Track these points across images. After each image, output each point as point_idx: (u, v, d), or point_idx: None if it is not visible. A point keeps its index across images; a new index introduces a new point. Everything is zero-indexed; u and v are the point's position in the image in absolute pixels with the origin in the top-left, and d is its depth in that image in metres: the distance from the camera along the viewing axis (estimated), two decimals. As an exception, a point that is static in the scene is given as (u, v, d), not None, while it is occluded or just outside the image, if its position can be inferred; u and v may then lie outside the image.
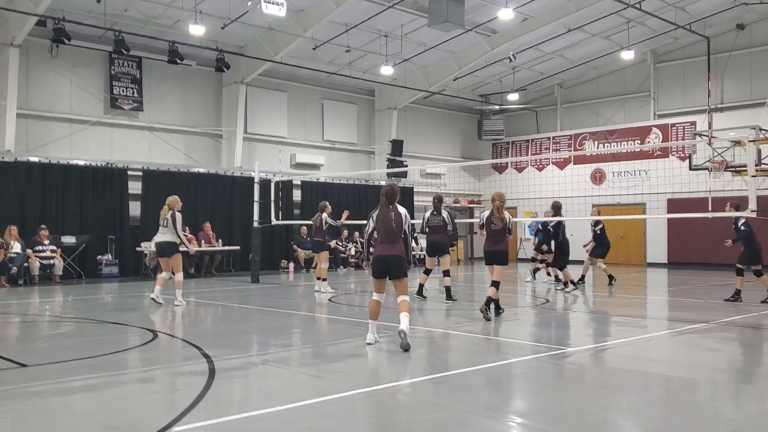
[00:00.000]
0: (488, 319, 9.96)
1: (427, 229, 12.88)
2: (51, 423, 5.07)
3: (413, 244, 8.82)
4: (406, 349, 7.44)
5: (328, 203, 14.85)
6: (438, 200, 12.83)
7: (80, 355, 7.65)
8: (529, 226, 24.85)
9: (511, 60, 22.85)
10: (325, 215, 14.44)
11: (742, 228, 12.13)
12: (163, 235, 11.95)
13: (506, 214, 10.58)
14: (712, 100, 22.96)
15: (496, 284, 10.41)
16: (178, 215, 11.87)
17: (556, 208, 14.61)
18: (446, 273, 12.75)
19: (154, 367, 7.14)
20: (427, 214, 12.99)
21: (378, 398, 5.75)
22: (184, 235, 12.42)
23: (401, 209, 8.08)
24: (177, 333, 9.21)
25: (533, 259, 17.08)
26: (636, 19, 21.62)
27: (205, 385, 6.00)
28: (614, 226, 25.07)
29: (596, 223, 15.60)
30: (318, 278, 14.62)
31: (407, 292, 7.95)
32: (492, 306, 10.31)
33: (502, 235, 10.52)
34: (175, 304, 11.78)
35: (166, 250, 12.00)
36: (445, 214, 12.73)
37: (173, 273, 12.12)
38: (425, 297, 12.78)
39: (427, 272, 13.05)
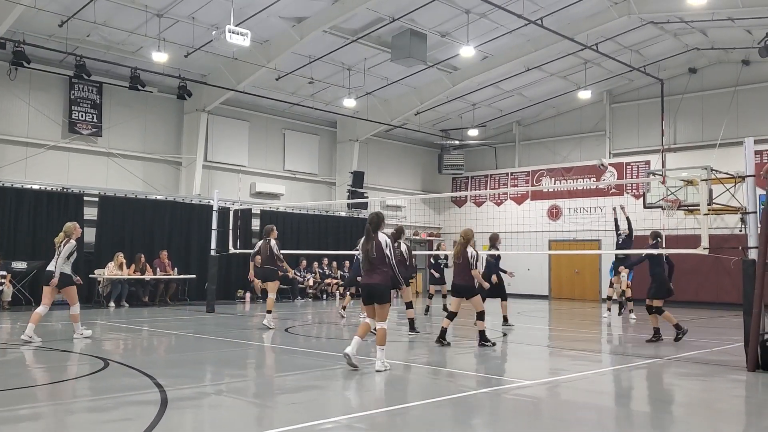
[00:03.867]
0: (444, 345, 10.70)
1: None
2: (-6, 453, 4.91)
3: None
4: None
5: (274, 227, 13.91)
6: (397, 232, 12.70)
7: (26, 383, 7.44)
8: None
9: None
10: (273, 241, 13.48)
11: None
12: (61, 266, 10.78)
13: (469, 250, 11.01)
14: (665, 141, 23.61)
15: (479, 315, 10.94)
16: (71, 243, 10.85)
17: (492, 240, 14.57)
18: (408, 305, 12.77)
19: (104, 396, 6.98)
20: None
21: (334, 430, 5.69)
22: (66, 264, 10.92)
23: (381, 237, 8.36)
24: (129, 361, 9.02)
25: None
26: (593, 60, 22.23)
27: (157, 414, 5.88)
28: (569, 262, 25.50)
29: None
30: (269, 312, 13.33)
31: (386, 318, 8.34)
32: (445, 335, 10.97)
33: (463, 268, 10.95)
34: (74, 337, 10.98)
35: (60, 282, 10.78)
36: (403, 247, 12.72)
37: (69, 305, 11.10)
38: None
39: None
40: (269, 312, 13.33)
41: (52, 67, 18.67)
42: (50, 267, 10.87)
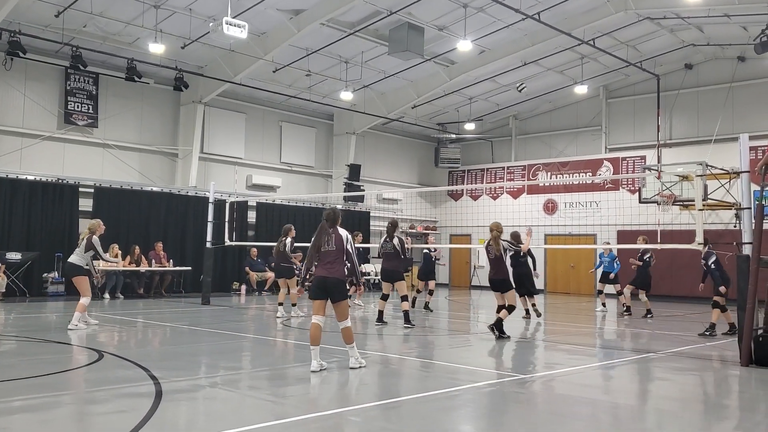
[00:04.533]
0: (503, 338, 11.00)
1: (381, 256, 12.96)
2: (-11, 444, 4.92)
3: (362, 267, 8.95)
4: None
5: (292, 227, 14.49)
6: (391, 226, 12.82)
7: (21, 375, 7.44)
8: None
9: (520, 90, 23.33)
10: (288, 240, 14.07)
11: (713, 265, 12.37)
12: (73, 256, 11.74)
13: (502, 243, 11.30)
14: (661, 136, 23.63)
15: (509, 308, 11.14)
16: (95, 239, 11.60)
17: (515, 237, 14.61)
18: (403, 298, 12.78)
19: (98, 388, 6.98)
20: (381, 240, 13.05)
21: (329, 423, 5.71)
22: (95, 261, 12.11)
23: (342, 231, 8.10)
24: (124, 354, 9.02)
25: None
26: (589, 55, 22.23)
27: (152, 407, 5.89)
28: (565, 256, 25.55)
29: (644, 252, 15.58)
30: (280, 304, 13.93)
31: (347, 317, 8.00)
32: (498, 327, 11.10)
33: (499, 262, 11.22)
34: (69, 328, 11.04)
35: (69, 271, 11.88)
36: (396, 240, 12.73)
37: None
38: (385, 322, 12.79)
39: (385, 298, 13.08)
40: (281, 304, 13.99)
41: (48, 57, 18.59)
42: (69, 259, 11.81)
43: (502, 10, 18.08)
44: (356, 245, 8.84)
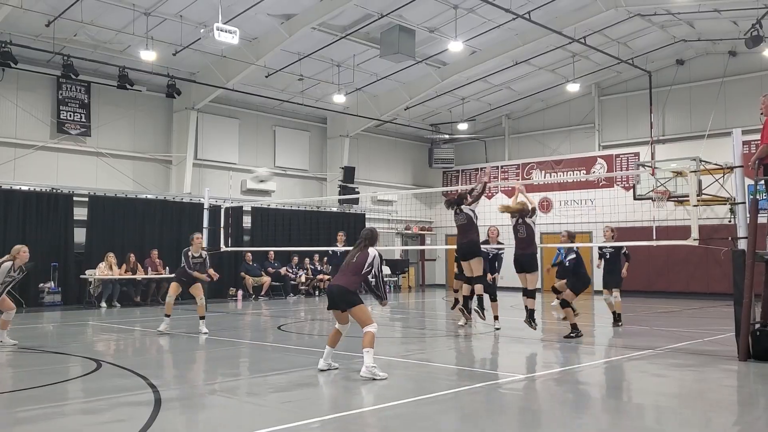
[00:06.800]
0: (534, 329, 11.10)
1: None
2: (-12, 457, 4.90)
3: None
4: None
5: (195, 235, 12.62)
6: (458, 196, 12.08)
7: (19, 386, 7.42)
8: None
9: None
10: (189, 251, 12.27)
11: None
12: None
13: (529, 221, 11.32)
14: (654, 132, 23.70)
15: (530, 293, 11.11)
16: (4, 267, 10.58)
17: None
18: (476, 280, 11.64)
19: (97, 397, 6.96)
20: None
21: (327, 429, 5.71)
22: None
23: (372, 251, 8.07)
24: (122, 362, 9.00)
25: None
26: (581, 53, 22.28)
27: (151, 415, 5.88)
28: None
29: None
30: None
31: (370, 322, 7.74)
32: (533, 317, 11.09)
33: (529, 240, 11.24)
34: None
35: None
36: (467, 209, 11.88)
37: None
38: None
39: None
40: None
41: (40, 67, 18.54)
42: None
43: (492, 11, 18.12)
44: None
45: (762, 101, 9.38)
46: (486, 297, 11.91)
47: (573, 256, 12.34)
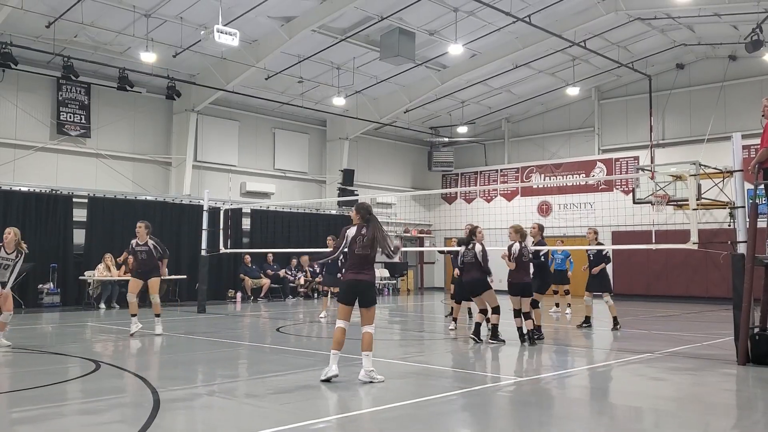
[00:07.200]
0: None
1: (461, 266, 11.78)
2: (-13, 457, 4.90)
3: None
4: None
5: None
6: (470, 232, 11.52)
7: (18, 386, 7.41)
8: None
9: None
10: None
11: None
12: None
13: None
14: (654, 136, 23.71)
15: (527, 314, 10.94)
16: None
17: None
18: (494, 310, 11.17)
19: (97, 398, 6.95)
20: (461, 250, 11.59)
21: (326, 430, 5.70)
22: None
23: (373, 223, 7.83)
24: (121, 364, 9.00)
25: None
26: (581, 57, 22.31)
27: (150, 416, 5.87)
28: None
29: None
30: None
31: (373, 321, 7.72)
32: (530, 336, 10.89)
33: (525, 266, 11.11)
34: None
35: None
36: (478, 248, 11.14)
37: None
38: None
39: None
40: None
41: (40, 68, 18.56)
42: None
43: (492, 14, 18.14)
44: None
45: (764, 104, 9.37)
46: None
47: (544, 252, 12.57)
